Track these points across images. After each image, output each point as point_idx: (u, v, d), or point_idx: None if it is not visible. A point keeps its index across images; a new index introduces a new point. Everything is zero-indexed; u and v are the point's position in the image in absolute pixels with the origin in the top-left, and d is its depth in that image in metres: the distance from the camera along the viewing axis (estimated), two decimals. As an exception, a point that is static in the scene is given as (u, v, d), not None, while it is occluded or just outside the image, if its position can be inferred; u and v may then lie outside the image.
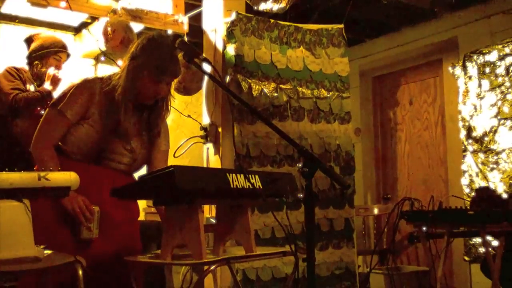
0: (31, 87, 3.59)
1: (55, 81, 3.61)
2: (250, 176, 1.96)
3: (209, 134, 3.39)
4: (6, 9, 4.08)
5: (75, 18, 4.18)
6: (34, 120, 3.48)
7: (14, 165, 1.79)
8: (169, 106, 2.50)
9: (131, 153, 2.39)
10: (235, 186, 1.89)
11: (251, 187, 1.94)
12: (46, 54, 3.65)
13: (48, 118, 2.34)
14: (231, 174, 1.90)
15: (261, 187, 1.99)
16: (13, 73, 3.57)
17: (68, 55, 3.80)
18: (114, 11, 3.88)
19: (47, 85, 3.62)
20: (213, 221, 2.83)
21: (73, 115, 2.29)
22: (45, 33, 3.80)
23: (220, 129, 3.38)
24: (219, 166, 3.32)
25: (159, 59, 2.30)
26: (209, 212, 3.33)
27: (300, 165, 1.74)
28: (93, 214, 2.19)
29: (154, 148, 2.49)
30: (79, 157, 2.31)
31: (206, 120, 3.48)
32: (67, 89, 2.35)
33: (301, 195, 1.73)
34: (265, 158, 3.39)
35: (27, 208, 1.76)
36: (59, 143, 2.32)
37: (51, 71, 3.61)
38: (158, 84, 2.33)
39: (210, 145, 3.43)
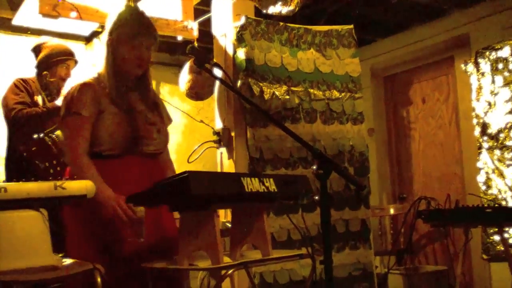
0: (39, 98, 3.60)
1: None
2: (264, 179, 1.96)
3: (222, 139, 3.40)
4: (17, 21, 4.12)
5: (85, 27, 4.21)
6: (38, 137, 3.52)
7: (25, 179, 1.81)
8: (151, 79, 2.52)
9: (155, 126, 2.40)
10: (249, 190, 1.88)
11: (266, 190, 1.94)
12: (55, 63, 3.66)
13: (68, 127, 2.32)
14: (245, 178, 1.89)
15: (276, 190, 1.99)
16: (20, 85, 3.58)
17: (76, 62, 3.81)
18: (124, 20, 3.89)
19: (58, 102, 3.63)
20: (229, 225, 2.83)
21: (89, 112, 2.27)
22: (52, 41, 3.80)
23: (233, 133, 3.38)
24: (233, 171, 3.32)
25: (133, 25, 2.36)
26: (224, 216, 3.33)
27: (314, 167, 1.74)
28: (137, 216, 2.13)
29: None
30: (116, 151, 2.28)
31: (218, 124, 3.48)
32: (68, 98, 2.34)
33: (316, 197, 1.73)
34: (278, 161, 3.39)
35: (44, 217, 1.77)
36: (92, 147, 2.28)
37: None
38: (138, 48, 2.36)
39: (223, 150, 3.44)
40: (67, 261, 1.94)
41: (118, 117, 2.30)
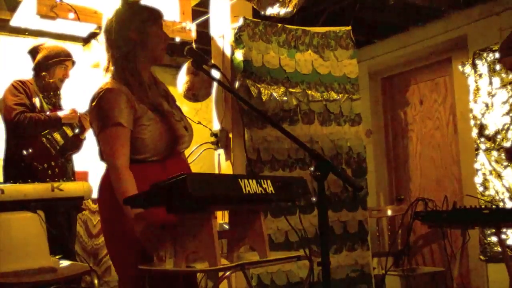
0: (36, 100, 3.61)
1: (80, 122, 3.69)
2: (262, 181, 1.96)
3: (219, 140, 3.40)
4: (15, 22, 4.11)
5: (83, 29, 4.21)
6: (36, 137, 3.53)
7: (22, 180, 1.80)
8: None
9: (181, 122, 2.32)
10: (247, 192, 1.88)
11: (263, 192, 1.94)
12: (53, 64, 3.67)
13: (109, 139, 2.14)
14: (243, 180, 1.89)
15: (273, 192, 1.99)
16: (18, 87, 3.59)
17: (74, 63, 3.82)
18: (122, 21, 3.89)
19: (62, 113, 3.64)
20: (226, 227, 2.83)
21: (127, 121, 2.14)
22: (49, 43, 3.81)
23: (230, 135, 3.38)
24: (230, 172, 3.32)
25: (147, 9, 2.30)
26: (222, 218, 3.33)
27: (312, 168, 1.74)
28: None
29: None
30: (160, 156, 2.21)
31: (216, 126, 3.48)
32: (101, 107, 2.16)
33: (314, 199, 1.73)
34: (276, 163, 3.39)
35: (41, 219, 1.77)
36: (134, 155, 2.17)
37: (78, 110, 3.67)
38: (162, 30, 2.31)
39: (221, 151, 3.43)
40: (64, 262, 1.93)
41: (157, 122, 2.20)
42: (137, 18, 2.26)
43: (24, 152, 3.46)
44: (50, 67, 3.66)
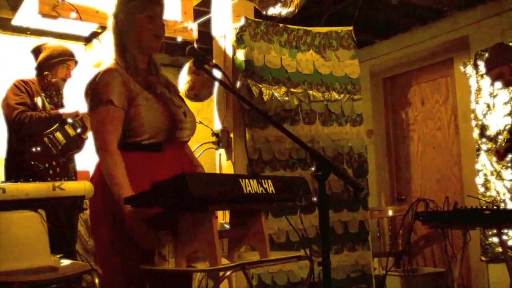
0: (38, 100, 3.61)
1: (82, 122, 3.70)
2: (263, 181, 1.96)
3: (221, 140, 3.40)
4: (17, 21, 4.12)
5: (85, 28, 4.22)
6: (38, 138, 3.54)
7: (24, 179, 1.80)
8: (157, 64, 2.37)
9: (181, 108, 2.26)
10: (248, 192, 1.88)
11: (264, 192, 1.94)
12: (55, 64, 3.67)
13: (100, 118, 2.08)
14: (244, 180, 1.89)
15: (274, 192, 1.99)
16: (20, 86, 3.59)
17: (76, 63, 3.82)
18: (124, 20, 3.89)
19: (62, 110, 3.64)
20: (227, 226, 2.83)
21: (120, 100, 2.08)
22: (52, 43, 3.82)
23: (232, 135, 3.38)
24: (231, 172, 3.32)
25: None
26: (223, 218, 3.33)
27: (313, 168, 1.74)
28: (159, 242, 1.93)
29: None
30: (157, 139, 2.14)
31: (217, 125, 3.49)
32: (94, 85, 2.14)
33: (315, 199, 1.72)
34: (277, 162, 3.39)
35: (42, 218, 1.78)
36: (127, 139, 2.11)
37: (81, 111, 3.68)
38: (154, 20, 2.24)
39: (222, 151, 3.44)
40: (65, 262, 1.94)
41: (153, 103, 2.14)
42: (126, 5, 2.22)
43: (24, 155, 3.46)
44: (53, 66, 3.66)
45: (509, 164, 4.27)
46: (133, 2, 2.21)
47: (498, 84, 4.01)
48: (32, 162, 3.47)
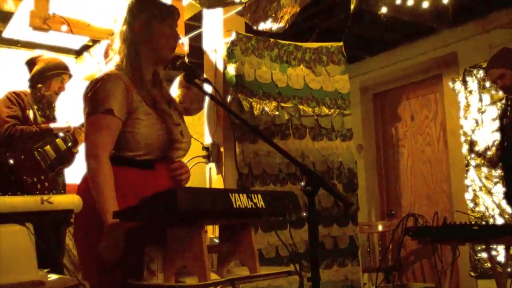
0: (30, 112, 3.59)
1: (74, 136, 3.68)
2: (252, 195, 1.95)
3: (211, 154, 3.40)
4: (7, 33, 4.11)
5: (76, 41, 4.21)
6: (28, 151, 3.51)
7: (11, 193, 1.78)
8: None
9: (179, 127, 2.21)
10: (237, 206, 1.88)
11: (253, 206, 1.93)
12: (49, 77, 3.66)
13: (96, 125, 2.01)
14: (233, 194, 1.89)
15: (264, 207, 1.98)
16: (13, 98, 3.57)
17: (70, 76, 3.81)
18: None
19: (53, 125, 3.62)
20: (216, 241, 2.82)
21: (119, 110, 2.01)
22: (47, 55, 3.81)
23: (222, 149, 3.38)
24: (222, 186, 3.31)
25: (159, 5, 2.19)
26: (212, 232, 3.32)
27: (303, 183, 1.74)
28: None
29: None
30: (151, 157, 2.09)
31: (208, 140, 3.48)
32: (95, 90, 2.04)
33: (305, 214, 1.72)
34: (267, 177, 3.39)
35: (30, 232, 1.76)
36: (121, 153, 2.05)
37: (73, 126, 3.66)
38: (172, 31, 2.19)
39: (212, 165, 3.43)
40: (53, 276, 1.91)
41: (153, 119, 2.09)
42: (144, 13, 2.15)
43: (13, 168, 3.42)
44: (47, 79, 3.65)
45: (498, 180, 4.30)
46: (153, 10, 2.16)
47: (487, 99, 4.04)
48: (20, 176, 3.44)
